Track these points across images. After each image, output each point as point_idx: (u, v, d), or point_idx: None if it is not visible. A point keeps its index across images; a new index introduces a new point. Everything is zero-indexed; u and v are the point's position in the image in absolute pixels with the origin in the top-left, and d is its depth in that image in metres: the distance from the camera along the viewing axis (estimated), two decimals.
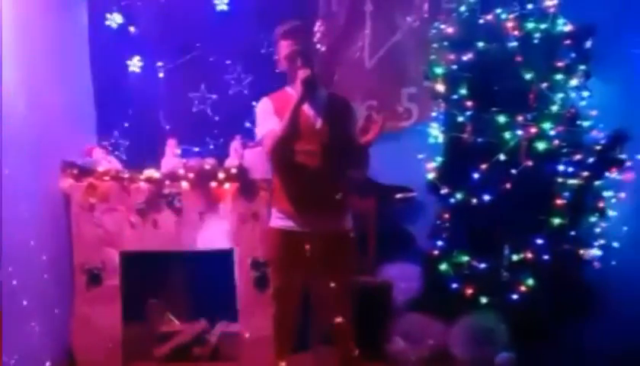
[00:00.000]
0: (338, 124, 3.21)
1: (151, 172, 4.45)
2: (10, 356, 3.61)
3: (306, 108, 3.20)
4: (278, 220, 3.27)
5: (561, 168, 4.17)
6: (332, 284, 3.21)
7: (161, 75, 4.99)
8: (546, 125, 4.17)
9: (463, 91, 4.35)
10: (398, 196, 4.87)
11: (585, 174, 4.18)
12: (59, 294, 4.32)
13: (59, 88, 4.42)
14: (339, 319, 3.25)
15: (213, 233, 4.43)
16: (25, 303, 3.82)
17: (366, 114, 3.17)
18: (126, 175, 4.45)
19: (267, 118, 3.26)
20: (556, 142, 4.18)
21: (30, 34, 4.06)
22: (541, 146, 4.14)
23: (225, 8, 4.99)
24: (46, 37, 4.28)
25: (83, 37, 4.94)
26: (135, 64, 4.97)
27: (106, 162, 4.55)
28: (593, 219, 4.24)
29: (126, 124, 4.97)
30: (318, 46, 4.66)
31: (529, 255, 4.10)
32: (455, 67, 4.42)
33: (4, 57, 3.75)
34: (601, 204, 4.24)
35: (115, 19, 4.95)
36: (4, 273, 3.65)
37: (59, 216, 4.41)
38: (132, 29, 4.98)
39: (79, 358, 4.31)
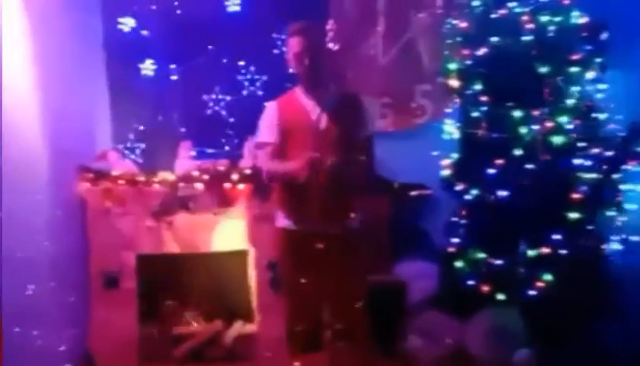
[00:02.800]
0: (346, 123, 3.18)
1: (165, 175, 4.47)
2: (29, 360, 3.65)
3: (310, 108, 3.21)
4: (283, 220, 3.28)
5: (578, 162, 4.13)
6: (340, 284, 3.20)
7: (174, 77, 5.01)
8: (562, 119, 4.13)
9: (478, 87, 4.32)
10: (413, 193, 4.85)
11: (603, 167, 4.13)
12: (76, 298, 4.35)
13: (74, 93, 4.45)
14: (353, 320, 3.24)
15: (228, 234, 4.43)
16: (43, 307, 3.85)
17: None
18: (141, 178, 4.47)
19: (267, 128, 3.30)
20: (573, 135, 4.14)
21: (44, 39, 4.10)
22: (557, 140, 4.11)
23: (236, 8, 5.00)
24: (60, 42, 4.31)
25: (97, 41, 4.97)
26: (148, 67, 5.01)
27: (121, 165, 4.57)
28: (611, 213, 4.17)
29: (141, 127, 5.01)
30: (331, 45, 4.66)
31: (547, 251, 4.05)
32: (469, 62, 4.39)
33: (20, 64, 3.80)
34: (620, 198, 4.18)
35: (128, 23, 4.99)
36: (22, 278, 3.69)
37: (75, 221, 4.44)
38: (144, 32, 5.00)
39: (98, 361, 4.33)
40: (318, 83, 3.18)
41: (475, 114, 4.30)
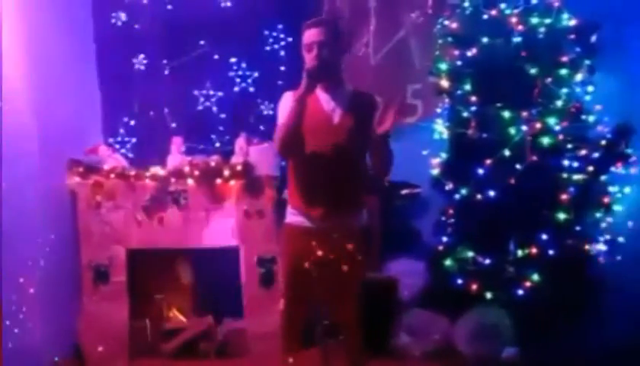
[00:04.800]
0: (360, 121, 3.13)
1: (156, 170, 4.48)
2: (18, 352, 3.64)
3: (325, 102, 3.17)
4: (292, 216, 3.24)
5: (566, 163, 4.18)
6: (344, 281, 3.20)
7: (166, 72, 5.00)
8: (551, 120, 4.17)
9: (468, 87, 4.35)
10: (404, 192, 4.88)
11: (590, 169, 4.19)
12: (66, 291, 4.36)
13: (65, 87, 4.44)
14: (348, 316, 3.26)
15: (219, 230, 4.44)
16: (33, 299, 3.85)
17: (382, 105, 3.15)
18: (132, 173, 4.48)
19: (284, 112, 3.23)
20: (561, 137, 4.19)
21: (35, 33, 4.09)
22: (546, 141, 4.15)
23: (229, 4, 4.98)
24: (51, 36, 4.30)
25: (88, 36, 4.96)
26: (140, 62, 4.99)
27: (112, 159, 4.57)
28: (598, 214, 4.23)
29: (132, 122, 4.99)
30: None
31: (535, 251, 4.10)
32: (459, 63, 4.41)
33: (11, 57, 3.78)
34: (606, 199, 4.23)
35: (120, 17, 4.98)
36: (13, 271, 3.68)
37: (66, 214, 4.44)
38: (136, 27, 4.99)
39: (87, 354, 4.34)
40: (331, 78, 3.15)
41: (465, 114, 4.33)
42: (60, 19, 4.48)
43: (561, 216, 4.08)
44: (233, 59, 5.02)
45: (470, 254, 4.24)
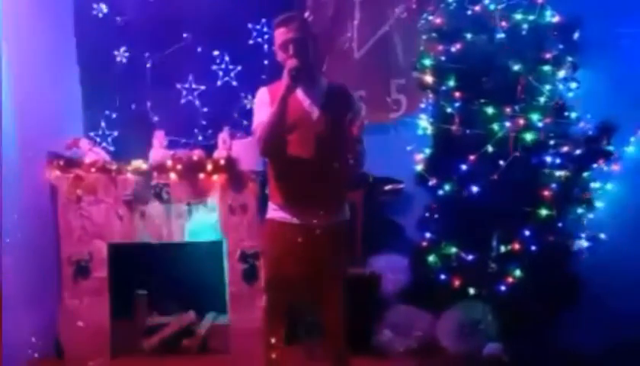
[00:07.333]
0: (337, 115, 3.13)
1: (138, 164, 4.43)
2: None
3: (302, 98, 3.17)
4: (273, 212, 3.24)
5: (548, 159, 4.18)
6: (326, 277, 3.20)
7: (148, 65, 4.95)
8: (534, 116, 4.17)
9: (451, 83, 4.34)
10: (387, 187, 4.88)
11: (573, 165, 4.20)
12: (46, 286, 4.32)
13: (45, 79, 4.38)
14: (331, 312, 3.26)
15: (202, 225, 4.42)
16: (12, 295, 3.80)
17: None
18: (113, 167, 4.42)
19: (262, 109, 3.20)
20: (544, 133, 4.19)
21: (15, 24, 4.03)
22: (529, 137, 4.15)
23: None
24: (31, 28, 4.24)
25: (69, 27, 4.89)
26: (122, 54, 4.94)
27: (93, 153, 4.51)
28: (580, 210, 4.26)
29: (114, 115, 4.94)
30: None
31: (517, 247, 4.11)
32: (443, 58, 4.41)
33: None
34: (588, 196, 4.26)
35: (101, 9, 4.92)
36: None
37: (45, 208, 4.39)
38: (118, 19, 4.93)
39: (67, 350, 4.29)
40: (307, 74, 3.13)
41: (449, 110, 4.33)
42: (40, 10, 4.42)
43: (544, 212, 4.09)
44: (216, 53, 5.00)
45: (453, 250, 4.25)
